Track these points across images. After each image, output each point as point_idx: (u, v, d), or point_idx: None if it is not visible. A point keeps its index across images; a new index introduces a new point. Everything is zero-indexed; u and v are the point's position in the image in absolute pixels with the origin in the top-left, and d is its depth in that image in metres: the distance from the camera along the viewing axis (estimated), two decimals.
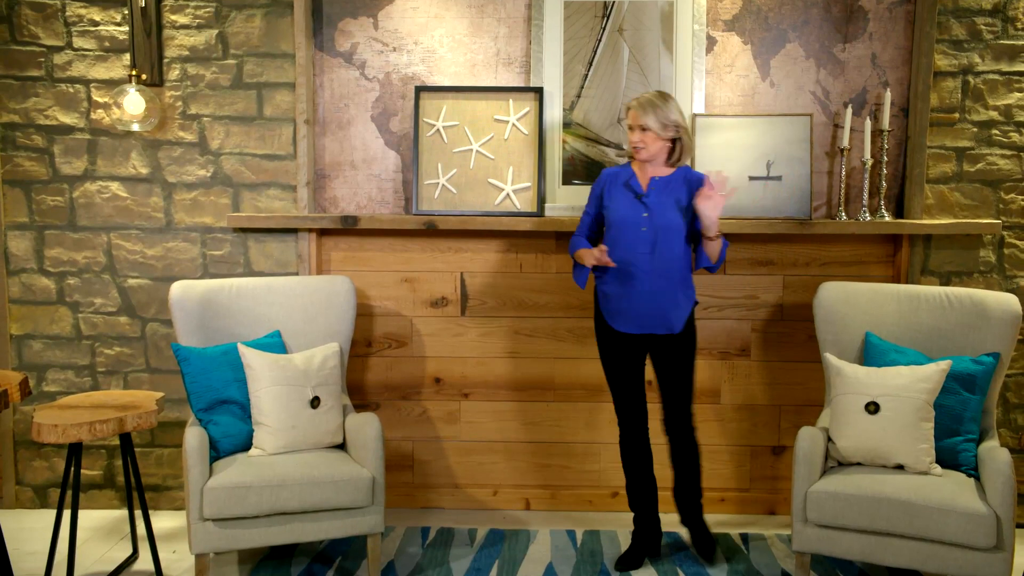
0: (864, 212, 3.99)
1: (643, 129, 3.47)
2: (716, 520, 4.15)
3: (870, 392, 3.36)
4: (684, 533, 3.92)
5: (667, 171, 3.56)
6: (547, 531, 4.01)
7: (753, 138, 4.02)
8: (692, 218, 3.51)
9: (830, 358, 3.55)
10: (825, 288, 3.76)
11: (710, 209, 3.39)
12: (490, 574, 3.60)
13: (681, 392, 3.63)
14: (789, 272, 4.14)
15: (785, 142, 4.02)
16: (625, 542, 3.89)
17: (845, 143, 3.99)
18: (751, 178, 4.02)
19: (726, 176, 3.51)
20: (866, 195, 3.99)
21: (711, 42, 4.07)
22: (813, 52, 4.06)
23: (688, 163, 3.62)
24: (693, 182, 3.52)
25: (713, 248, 3.50)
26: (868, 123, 3.95)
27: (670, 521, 3.92)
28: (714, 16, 4.06)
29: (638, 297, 3.49)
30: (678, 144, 3.53)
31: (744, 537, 3.96)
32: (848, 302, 3.72)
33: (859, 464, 3.40)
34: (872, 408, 3.34)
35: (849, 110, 3.97)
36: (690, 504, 3.75)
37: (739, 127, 4.03)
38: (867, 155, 3.97)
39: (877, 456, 3.34)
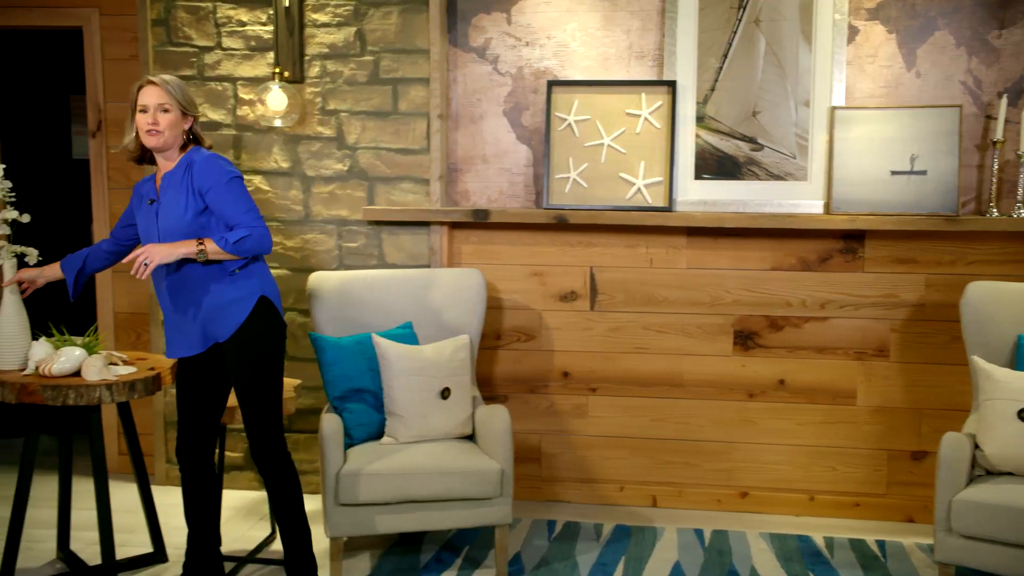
0: (1019, 208, 3.78)
1: (165, 110, 3.05)
2: (850, 526, 4.03)
3: (1023, 399, 3.19)
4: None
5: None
6: (674, 529, 3.98)
7: (896, 131, 3.87)
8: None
9: (978, 361, 3.39)
10: (974, 288, 3.58)
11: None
12: (616, 570, 3.59)
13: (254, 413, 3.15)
14: (932, 271, 3.97)
15: (931, 135, 3.84)
16: (755, 543, 3.82)
17: (999, 135, 3.78)
18: (893, 172, 3.87)
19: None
20: (1021, 190, 3.78)
21: (852, 31, 3.93)
22: (964, 39, 3.87)
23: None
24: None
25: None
26: None
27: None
28: (856, 5, 3.92)
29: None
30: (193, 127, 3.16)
31: (880, 544, 3.82)
32: (999, 303, 3.53)
33: (1009, 474, 3.23)
34: None
35: (1004, 100, 3.76)
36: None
37: (881, 120, 3.88)
38: (1023, 147, 3.75)
39: None
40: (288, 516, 3.21)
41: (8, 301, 3.33)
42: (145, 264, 2.91)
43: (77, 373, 3.23)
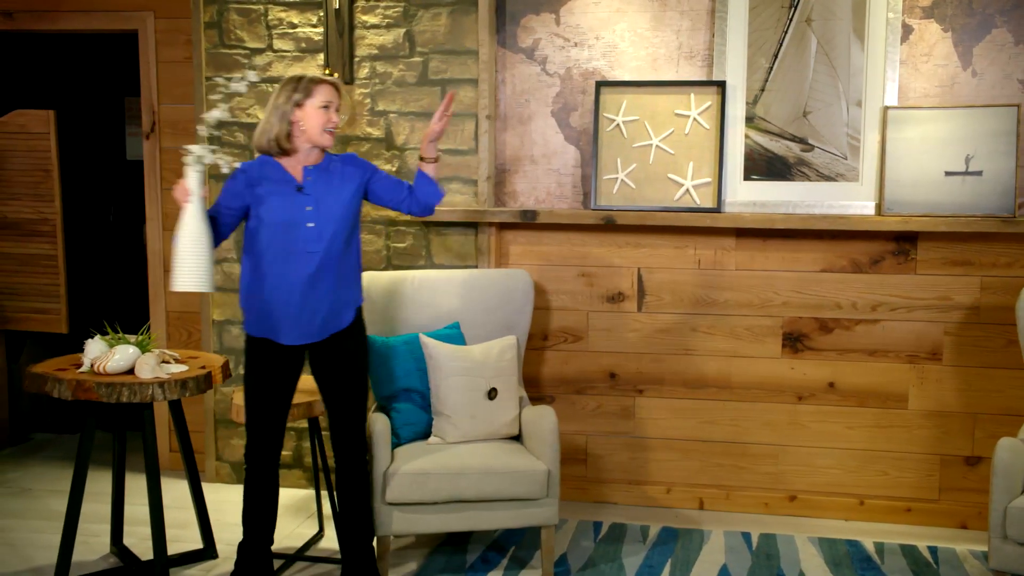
0: None
1: (337, 110, 3.19)
2: (901, 531, 3.97)
3: None
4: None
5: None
6: (721, 532, 3.95)
7: (951, 131, 3.80)
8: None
9: None
10: None
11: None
12: (663, 572, 3.58)
13: None
14: (988, 273, 3.90)
15: (987, 135, 3.78)
16: (804, 547, 3.78)
17: None
18: (947, 173, 3.81)
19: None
20: None
21: (907, 30, 3.87)
22: (1023, 38, 3.79)
23: None
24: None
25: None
26: None
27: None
28: (911, 3, 3.86)
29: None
30: None
31: (932, 551, 3.76)
32: None
33: None
34: None
35: None
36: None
37: (936, 119, 3.82)
38: None
39: None
40: (361, 509, 3.31)
41: (191, 214, 3.07)
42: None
43: (131, 371, 3.29)
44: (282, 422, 3.28)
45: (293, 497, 4.35)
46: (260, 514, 3.29)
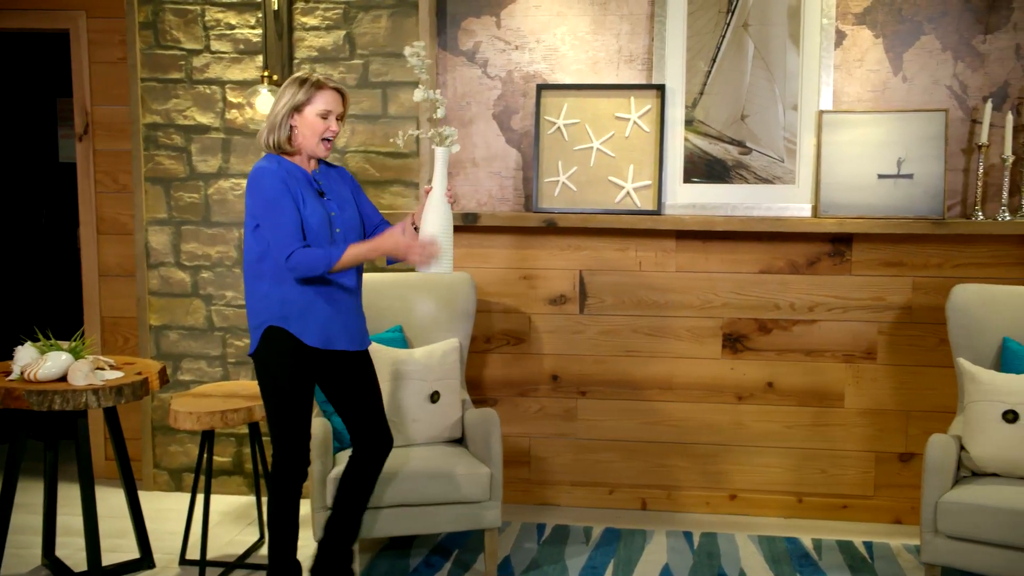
0: (1003, 211, 3.81)
1: (338, 118, 3.06)
2: (838, 527, 4.04)
3: (1008, 400, 3.21)
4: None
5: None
6: (663, 532, 3.98)
7: (883, 135, 3.89)
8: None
9: (964, 363, 3.41)
10: (959, 290, 3.61)
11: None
12: (606, 573, 3.60)
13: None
14: (919, 273, 3.99)
15: (917, 139, 3.87)
16: (744, 545, 3.83)
17: (984, 139, 3.81)
18: (880, 176, 3.90)
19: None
20: (1006, 193, 3.81)
21: (840, 36, 3.96)
22: (951, 44, 3.90)
23: None
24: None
25: None
26: (1010, 118, 3.77)
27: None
28: (844, 9, 3.94)
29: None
30: None
31: (868, 546, 3.84)
32: (984, 305, 3.56)
33: (994, 475, 3.26)
34: (1011, 417, 3.19)
35: (989, 105, 3.79)
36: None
37: (868, 123, 3.90)
38: (1008, 151, 3.78)
39: (1016, 467, 3.19)
40: (361, 508, 3.26)
41: (436, 199, 3.02)
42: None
43: (63, 378, 3.21)
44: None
45: (234, 504, 4.29)
46: (293, 532, 3.15)
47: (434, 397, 3.60)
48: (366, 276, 3.92)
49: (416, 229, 3.13)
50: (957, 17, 3.89)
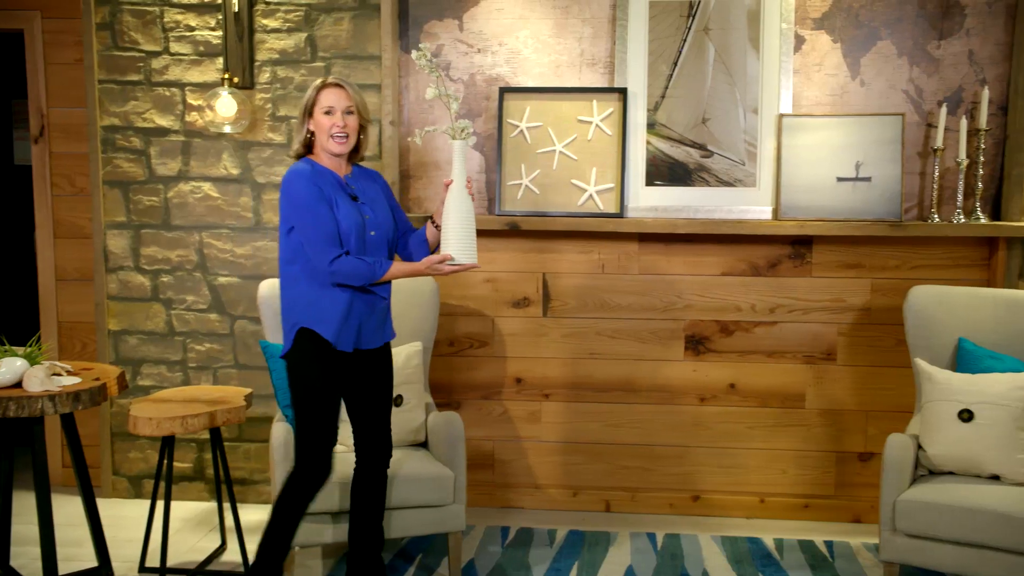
0: (958, 214, 3.87)
1: (349, 112, 3.05)
2: (800, 527, 4.08)
3: (963, 399, 3.26)
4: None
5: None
6: (627, 533, 4.00)
7: (842, 138, 3.94)
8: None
9: (921, 363, 3.46)
10: (916, 292, 3.66)
11: None
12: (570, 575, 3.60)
13: None
14: (878, 275, 4.05)
15: (875, 142, 3.92)
16: (707, 546, 3.85)
17: (939, 143, 3.87)
18: (839, 179, 3.94)
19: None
20: (960, 196, 3.88)
21: (799, 41, 4.00)
22: (906, 50, 3.96)
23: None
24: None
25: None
26: (964, 122, 3.84)
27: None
28: (802, 15, 3.99)
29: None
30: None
31: (828, 545, 3.88)
32: (941, 306, 3.61)
33: (951, 473, 3.30)
34: (966, 416, 3.24)
35: (944, 109, 3.85)
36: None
37: (827, 127, 3.95)
38: (962, 155, 3.85)
39: (971, 465, 3.24)
40: (379, 516, 3.26)
41: (457, 191, 3.00)
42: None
43: (19, 384, 3.15)
44: None
45: (195, 510, 4.24)
46: (287, 542, 3.10)
47: (397, 401, 3.59)
48: None
49: (437, 227, 3.15)
50: (912, 23, 3.95)
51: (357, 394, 3.18)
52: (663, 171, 4.07)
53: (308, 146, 3.10)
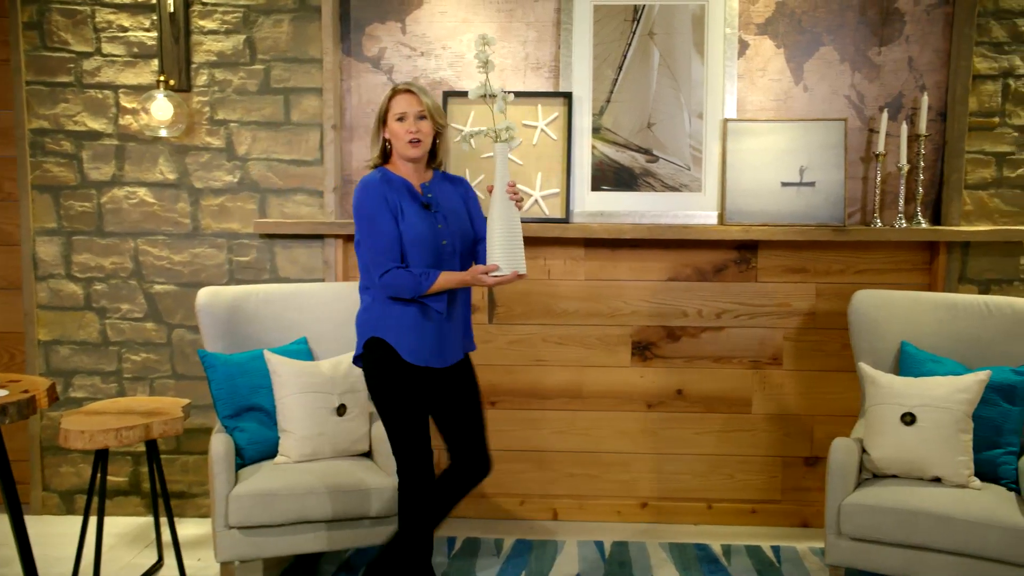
0: (900, 219, 3.91)
1: (422, 116, 3.03)
2: (747, 532, 4.08)
3: (906, 403, 3.28)
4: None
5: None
6: (575, 542, 3.96)
7: (786, 143, 3.95)
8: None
9: (864, 367, 3.48)
10: (860, 296, 3.68)
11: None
12: None
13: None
14: (822, 280, 4.06)
15: (819, 147, 3.94)
16: (655, 553, 3.83)
17: (880, 148, 3.91)
18: (783, 184, 3.96)
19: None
20: (902, 201, 3.91)
21: (743, 46, 4.01)
22: (848, 56, 3.99)
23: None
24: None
25: None
26: (904, 128, 3.88)
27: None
28: (746, 20, 4.00)
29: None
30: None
31: (776, 550, 3.88)
32: (883, 310, 3.64)
33: (894, 476, 3.32)
34: (908, 419, 3.26)
35: (885, 115, 3.89)
36: None
37: (771, 132, 3.96)
38: (903, 160, 3.89)
39: (913, 468, 3.26)
40: (436, 524, 3.19)
41: (500, 200, 2.90)
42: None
43: None
44: None
45: (130, 525, 4.11)
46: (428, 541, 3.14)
47: (340, 410, 3.51)
48: (270, 286, 3.81)
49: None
50: (853, 30, 3.98)
51: (443, 409, 3.13)
52: (609, 176, 4.05)
53: (386, 156, 3.08)
